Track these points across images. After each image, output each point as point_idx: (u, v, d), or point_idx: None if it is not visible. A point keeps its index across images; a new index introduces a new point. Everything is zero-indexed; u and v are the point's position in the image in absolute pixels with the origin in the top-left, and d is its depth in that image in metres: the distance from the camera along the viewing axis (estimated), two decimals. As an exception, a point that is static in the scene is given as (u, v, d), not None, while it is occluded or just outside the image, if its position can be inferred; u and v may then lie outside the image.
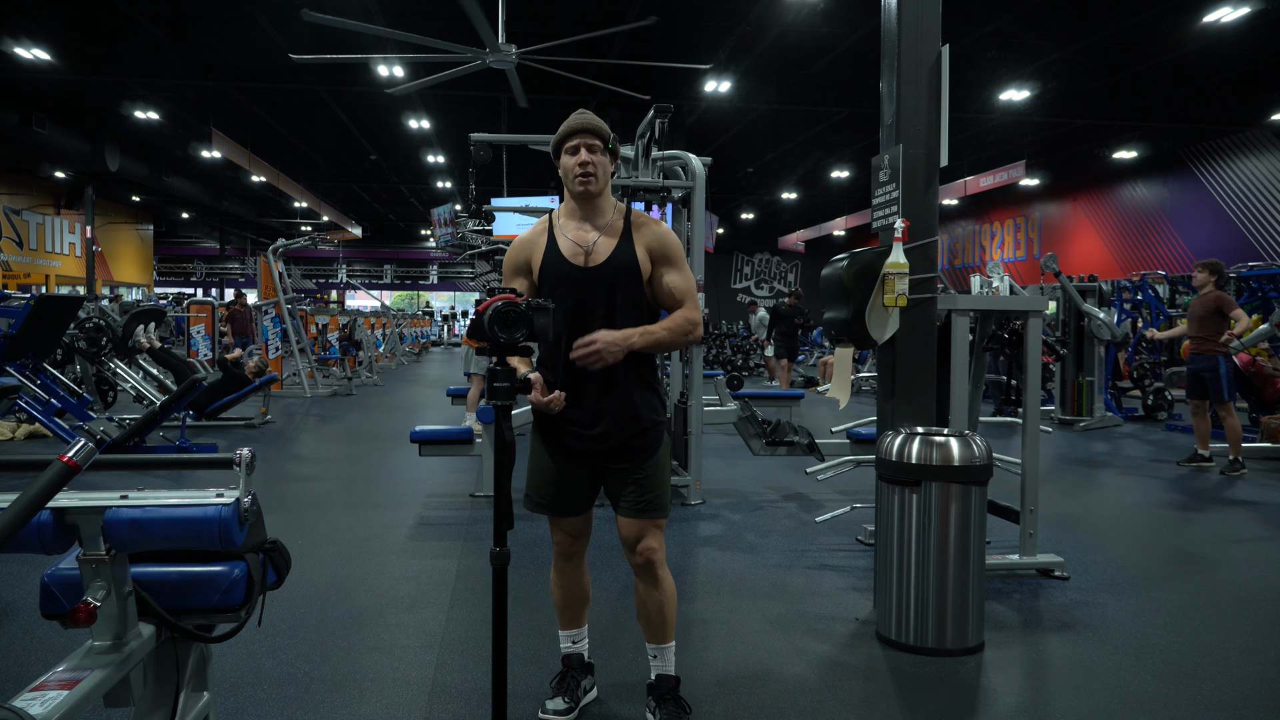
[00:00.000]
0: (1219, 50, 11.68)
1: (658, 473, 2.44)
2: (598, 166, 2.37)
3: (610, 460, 2.42)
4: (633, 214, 2.47)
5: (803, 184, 23.04)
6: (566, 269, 2.38)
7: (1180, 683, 2.89)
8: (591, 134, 2.37)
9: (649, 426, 2.42)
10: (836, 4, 10.19)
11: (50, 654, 2.96)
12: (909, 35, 3.60)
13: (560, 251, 2.41)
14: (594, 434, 2.38)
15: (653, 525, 2.43)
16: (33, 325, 7.97)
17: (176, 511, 1.67)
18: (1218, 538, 4.96)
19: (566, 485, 2.46)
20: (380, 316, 21.56)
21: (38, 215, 22.42)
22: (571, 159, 2.38)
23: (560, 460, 2.44)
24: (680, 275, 2.44)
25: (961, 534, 3.08)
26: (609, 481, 2.46)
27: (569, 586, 2.60)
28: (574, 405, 2.36)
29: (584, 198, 2.40)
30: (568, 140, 2.39)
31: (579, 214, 2.44)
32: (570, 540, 2.53)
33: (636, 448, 2.41)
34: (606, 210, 2.45)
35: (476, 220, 15.68)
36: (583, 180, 2.36)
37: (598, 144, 2.38)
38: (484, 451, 5.61)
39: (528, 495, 2.51)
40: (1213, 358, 6.85)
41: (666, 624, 2.50)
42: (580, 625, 2.66)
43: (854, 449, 5.43)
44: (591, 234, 2.41)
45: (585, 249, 2.40)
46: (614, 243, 2.40)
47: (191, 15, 11.26)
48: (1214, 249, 16.24)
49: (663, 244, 2.43)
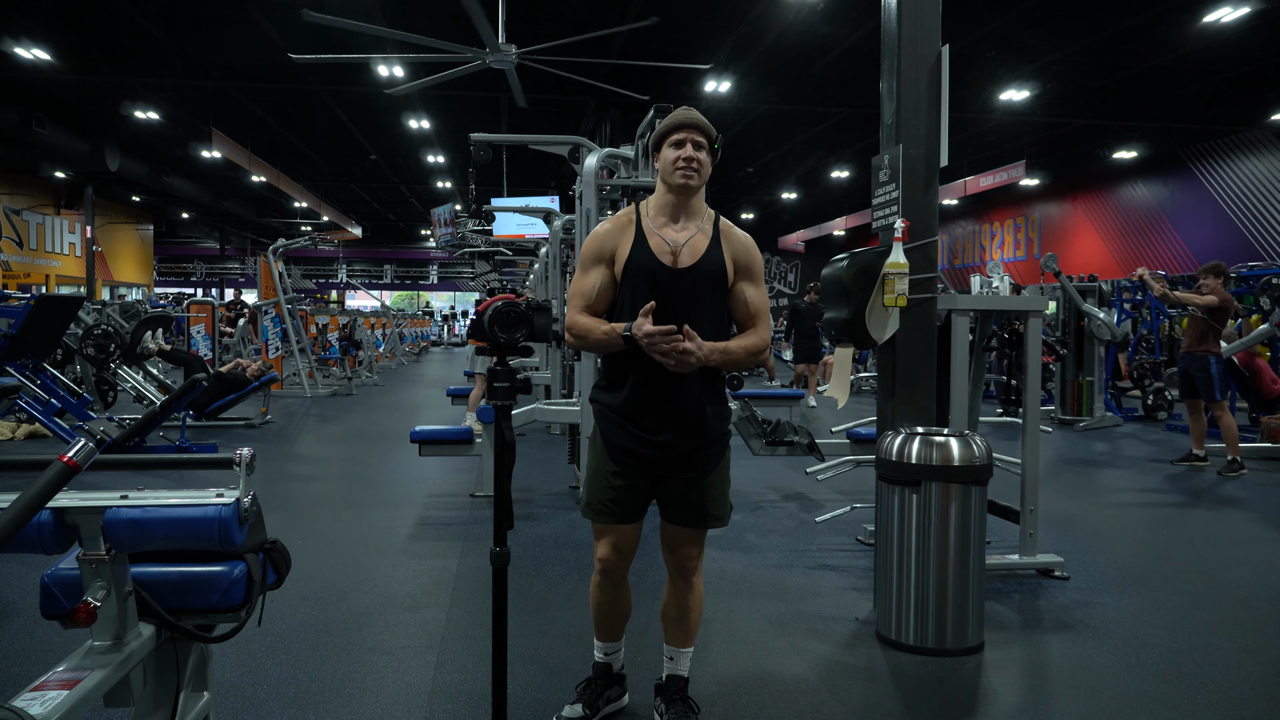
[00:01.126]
0: (1219, 50, 11.68)
1: (720, 482, 2.41)
2: (701, 163, 2.32)
3: (674, 469, 2.36)
4: (721, 221, 2.43)
5: (803, 184, 23.04)
6: (654, 266, 2.32)
7: (1180, 683, 2.89)
8: (699, 130, 2.33)
9: (717, 437, 2.39)
10: (836, 4, 10.19)
11: (50, 654, 2.96)
12: (909, 35, 3.60)
13: (649, 248, 2.34)
14: (659, 440, 2.32)
15: (703, 534, 2.42)
16: (33, 325, 7.97)
17: (176, 511, 1.67)
18: (1218, 538, 4.96)
19: (627, 491, 2.38)
20: (380, 316, 21.57)
21: (38, 215, 22.42)
22: (675, 151, 2.32)
23: (622, 464, 2.37)
24: (758, 291, 2.40)
25: (961, 534, 3.08)
26: (669, 488, 2.39)
27: (609, 604, 2.52)
28: (643, 410, 2.32)
29: (683, 191, 2.34)
30: (674, 133, 2.34)
31: (670, 210, 2.38)
32: (617, 558, 2.42)
33: (702, 458, 2.37)
34: (699, 212, 2.40)
35: (476, 220, 15.69)
36: (685, 174, 2.31)
37: (704, 141, 2.34)
38: (484, 451, 5.61)
39: (587, 503, 2.42)
40: (1203, 358, 6.86)
41: (691, 628, 2.50)
42: (616, 639, 2.58)
43: (854, 449, 5.43)
44: (682, 234, 2.36)
45: (674, 249, 2.33)
46: (704, 246, 2.35)
47: (191, 15, 11.25)
48: (1214, 249, 16.25)
49: (748, 255, 2.40)
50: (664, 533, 2.44)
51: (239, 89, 14.33)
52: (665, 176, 2.35)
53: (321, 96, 14.78)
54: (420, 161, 20.44)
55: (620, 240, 2.36)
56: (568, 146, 6.43)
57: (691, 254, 2.33)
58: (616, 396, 2.36)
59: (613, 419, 2.37)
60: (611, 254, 2.37)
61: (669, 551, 2.44)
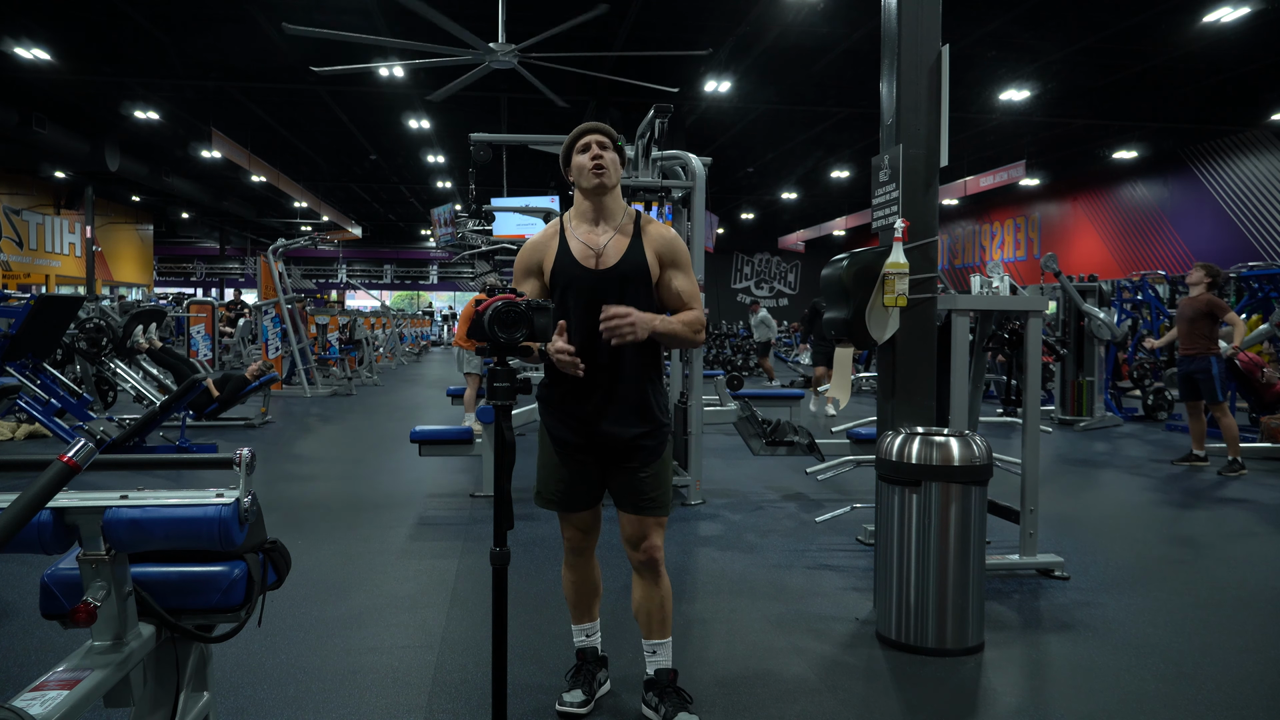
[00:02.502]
0: (1219, 50, 11.68)
1: (662, 471, 2.48)
2: (609, 162, 2.43)
3: (618, 458, 2.45)
4: (641, 218, 2.52)
5: (803, 184, 23.04)
6: (578, 271, 2.41)
7: (1180, 683, 2.89)
8: (600, 133, 2.45)
9: (656, 426, 2.47)
10: (836, 4, 10.19)
11: (50, 654, 2.96)
12: (909, 35, 3.60)
13: (572, 254, 2.43)
14: (602, 430, 2.41)
15: (655, 523, 2.48)
16: (33, 325, 7.97)
17: (176, 511, 1.67)
18: (1218, 538, 4.96)
19: (575, 481, 2.49)
20: (380, 316, 21.57)
21: (38, 215, 22.42)
22: (584, 156, 2.43)
23: (567, 456, 2.47)
24: (687, 279, 2.51)
25: (961, 534, 3.08)
26: (614, 479, 2.49)
27: (580, 581, 2.64)
28: (583, 400, 2.41)
29: (597, 192, 2.43)
30: (579, 140, 2.46)
31: (590, 215, 2.48)
32: (581, 536, 2.57)
33: (644, 447, 2.44)
34: (617, 212, 2.49)
35: (476, 220, 15.70)
36: (596, 171, 2.41)
37: (607, 142, 2.45)
38: (484, 451, 5.61)
39: (538, 492, 2.55)
40: (1204, 359, 6.85)
41: (666, 619, 2.57)
42: (593, 619, 2.70)
43: (854, 449, 5.43)
44: (602, 236, 2.45)
45: (596, 251, 2.43)
46: (624, 246, 2.44)
47: (191, 15, 11.25)
48: (1214, 249, 16.26)
49: (671, 248, 2.48)
50: (623, 527, 2.51)
51: (239, 89, 14.33)
52: (580, 181, 2.46)
53: (321, 96, 14.78)
54: (420, 161, 20.44)
55: (545, 251, 2.48)
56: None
57: (612, 255, 2.43)
58: (558, 390, 2.46)
59: (555, 413, 2.48)
60: (539, 265, 2.48)
61: (632, 548, 2.51)
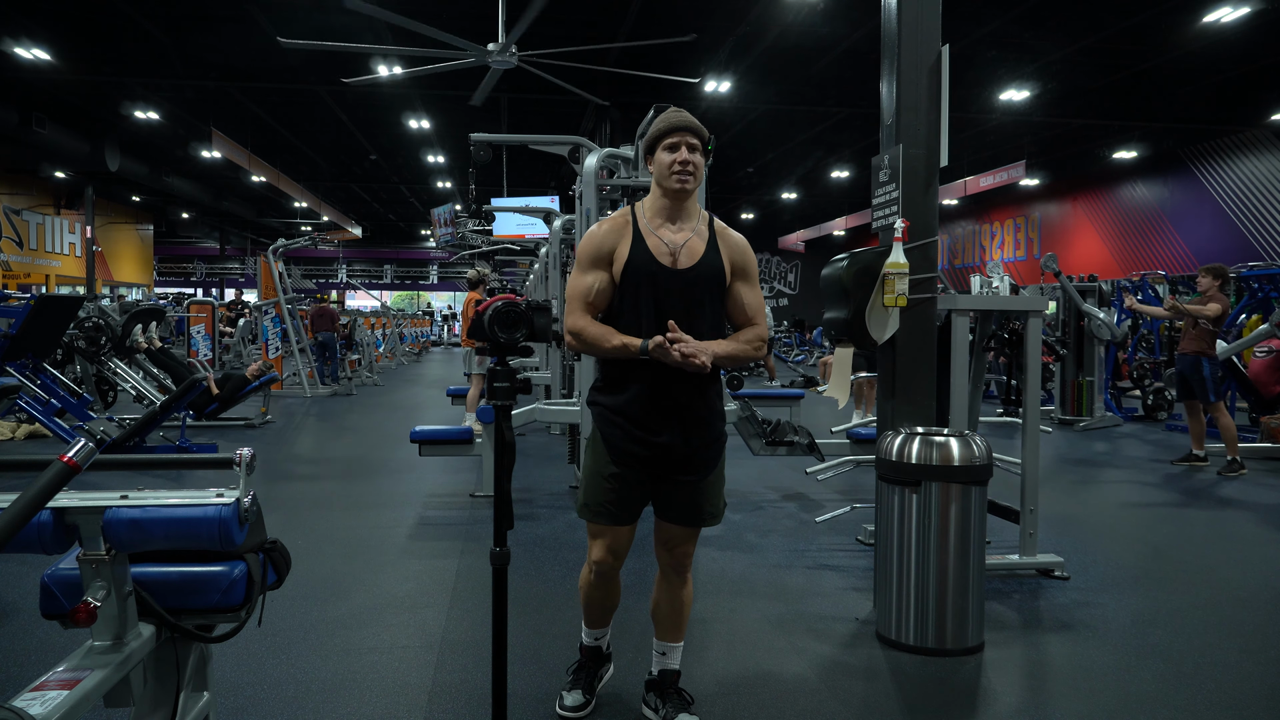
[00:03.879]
0: (1219, 50, 11.67)
1: (719, 482, 2.44)
2: (696, 166, 2.33)
3: (674, 470, 2.37)
4: (716, 222, 2.44)
5: (803, 184, 23.03)
6: (654, 268, 2.32)
7: (1180, 683, 2.89)
8: (693, 133, 2.34)
9: (718, 436, 2.41)
10: (836, 4, 10.19)
11: (50, 654, 2.96)
12: (909, 35, 3.60)
13: (649, 249, 2.33)
14: (660, 441, 2.32)
15: (696, 531, 2.45)
16: (33, 325, 7.97)
17: (176, 511, 1.67)
18: (1218, 538, 4.95)
19: (626, 492, 2.38)
20: (380, 316, 21.57)
21: (38, 215, 22.42)
22: (670, 155, 2.32)
23: (623, 466, 2.36)
24: (754, 292, 2.43)
25: (961, 534, 3.08)
26: (665, 490, 2.40)
27: (601, 598, 2.57)
28: (648, 408, 2.32)
29: (679, 195, 2.35)
30: (668, 136, 2.34)
31: (667, 212, 2.38)
32: (612, 559, 2.45)
33: (706, 458, 2.38)
34: (694, 213, 2.41)
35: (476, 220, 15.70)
36: (681, 179, 2.31)
37: (698, 144, 2.35)
38: (484, 451, 5.61)
39: (584, 504, 2.42)
40: (1194, 358, 6.85)
41: (683, 624, 2.54)
42: (606, 625, 2.66)
43: (854, 449, 5.43)
44: (680, 235, 2.36)
45: (673, 250, 2.33)
46: (701, 247, 2.36)
47: (191, 15, 11.24)
48: (1214, 249, 16.26)
49: (744, 257, 2.42)
50: (660, 531, 2.47)
51: (239, 89, 14.32)
52: (661, 180, 2.36)
53: (321, 96, 14.77)
54: (420, 161, 20.44)
55: (619, 241, 2.36)
56: (568, 146, 6.43)
57: (690, 256, 2.34)
58: (617, 398, 2.35)
59: (614, 421, 2.36)
60: (610, 254, 2.36)
61: (665, 549, 2.47)
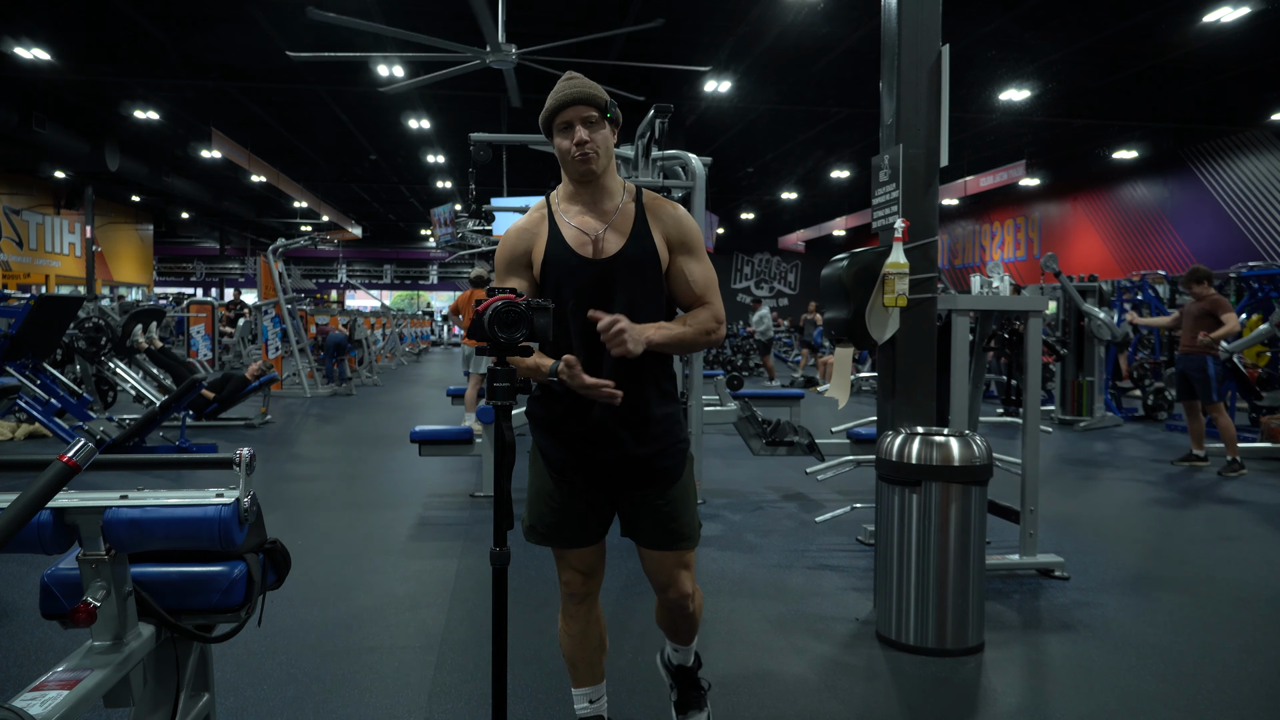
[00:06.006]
0: (1219, 50, 11.68)
1: (684, 497, 2.11)
2: (598, 143, 1.98)
3: (629, 483, 2.07)
4: (644, 196, 2.10)
5: (803, 184, 23.03)
6: (574, 261, 2.02)
7: (1180, 683, 2.89)
8: (585, 104, 1.97)
9: (671, 445, 2.08)
10: (836, 4, 10.19)
11: (50, 654, 2.96)
12: (909, 35, 3.60)
13: (565, 241, 2.03)
14: (607, 455, 2.04)
15: (679, 560, 2.13)
16: (33, 325, 7.97)
17: (176, 512, 1.67)
18: (1218, 538, 4.95)
19: (574, 512, 2.10)
20: (380, 316, 21.57)
21: (38, 215, 22.42)
22: (565, 140, 1.99)
23: (565, 483, 2.09)
24: (701, 265, 2.09)
25: (961, 534, 3.08)
26: (627, 509, 2.12)
27: (580, 635, 2.19)
28: (584, 415, 2.02)
29: (586, 179, 2.03)
30: (557, 115, 2.00)
31: (583, 196, 2.07)
32: (581, 579, 2.14)
33: (658, 470, 2.07)
34: (615, 191, 2.08)
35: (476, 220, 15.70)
36: (582, 160, 1.98)
37: (594, 114, 1.98)
38: (484, 451, 5.61)
39: (531, 526, 2.14)
40: (1200, 358, 6.85)
41: (694, 634, 2.35)
42: (598, 681, 2.25)
43: (854, 449, 5.43)
44: (600, 219, 2.05)
45: (594, 238, 2.03)
46: (627, 230, 2.04)
47: (191, 15, 11.25)
48: (1214, 249, 16.26)
49: (681, 230, 2.08)
50: (646, 565, 2.16)
51: (239, 89, 14.33)
52: (564, 167, 2.05)
53: (321, 96, 14.78)
54: (420, 161, 20.43)
55: (533, 239, 2.08)
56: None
57: (616, 239, 2.03)
58: (553, 408, 2.08)
59: (551, 433, 2.10)
60: (527, 255, 2.08)
61: (660, 590, 2.18)
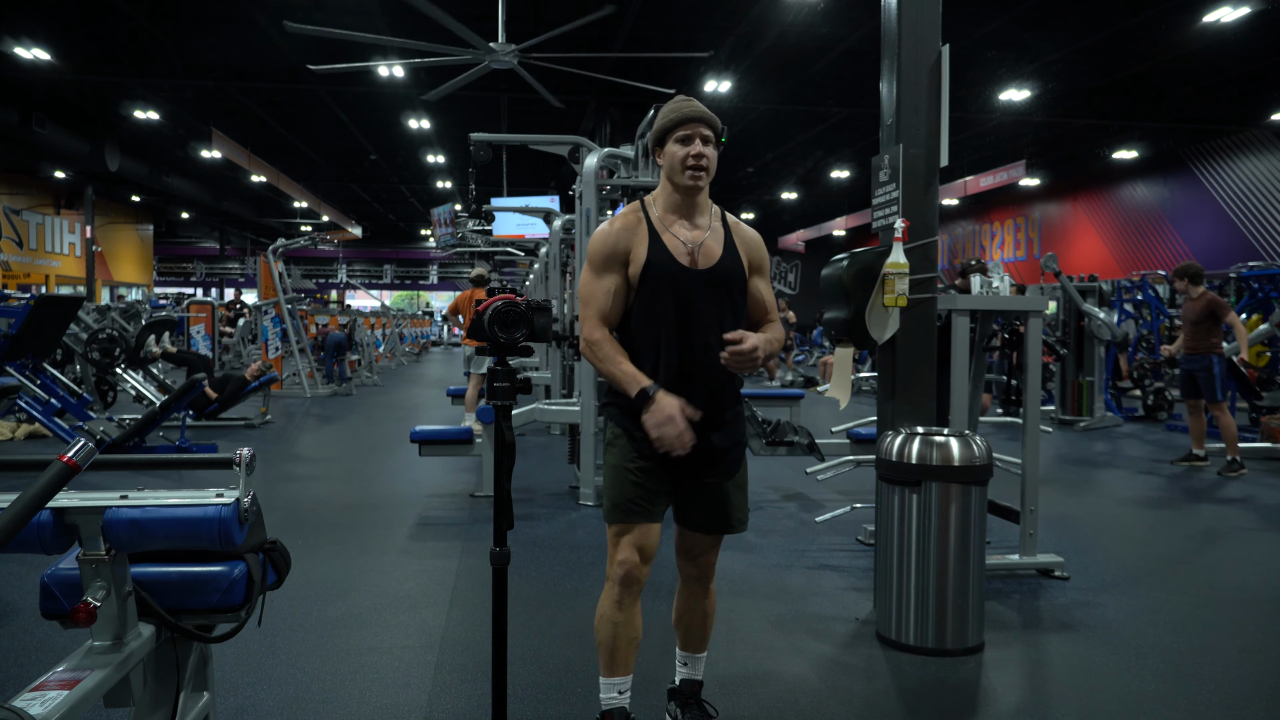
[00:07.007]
0: (1219, 50, 11.68)
1: (742, 486, 2.34)
2: (710, 160, 2.19)
3: (700, 470, 2.23)
4: (728, 217, 2.31)
5: (803, 184, 23.04)
6: (674, 268, 2.17)
7: (1180, 683, 2.89)
8: (706, 123, 2.18)
9: (741, 439, 2.32)
10: (836, 4, 10.19)
11: (50, 654, 2.96)
12: (909, 35, 3.60)
13: (666, 249, 2.19)
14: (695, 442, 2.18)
15: (719, 540, 2.35)
16: (32, 325, 7.97)
17: (176, 512, 1.67)
18: (1218, 538, 4.96)
19: (653, 489, 2.21)
20: (380, 316, 21.58)
21: (38, 215, 22.43)
22: (684, 149, 2.17)
23: (651, 462, 2.19)
24: (769, 287, 2.34)
25: (961, 534, 3.08)
26: (689, 493, 2.28)
27: (625, 624, 2.23)
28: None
29: (692, 192, 2.20)
30: (680, 128, 2.18)
31: (681, 208, 2.23)
32: (639, 562, 2.20)
33: (731, 460, 2.28)
34: (707, 208, 2.27)
35: (476, 220, 15.70)
36: (694, 174, 2.17)
37: (711, 135, 2.19)
38: (484, 451, 5.61)
39: (614, 504, 2.22)
40: (1206, 357, 6.86)
41: (707, 633, 2.45)
42: (629, 672, 2.29)
43: (854, 449, 5.43)
44: (695, 233, 2.22)
45: (691, 249, 2.20)
46: (720, 244, 2.23)
47: (191, 15, 11.26)
48: (1214, 249, 16.26)
49: (759, 252, 2.31)
50: (682, 540, 2.35)
51: (239, 89, 14.33)
52: (672, 175, 2.21)
53: (321, 96, 14.78)
54: (420, 161, 20.44)
55: (634, 241, 2.21)
56: (568, 146, 6.44)
57: (708, 255, 2.21)
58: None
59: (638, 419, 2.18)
60: (625, 255, 2.21)
61: (688, 560, 2.36)
